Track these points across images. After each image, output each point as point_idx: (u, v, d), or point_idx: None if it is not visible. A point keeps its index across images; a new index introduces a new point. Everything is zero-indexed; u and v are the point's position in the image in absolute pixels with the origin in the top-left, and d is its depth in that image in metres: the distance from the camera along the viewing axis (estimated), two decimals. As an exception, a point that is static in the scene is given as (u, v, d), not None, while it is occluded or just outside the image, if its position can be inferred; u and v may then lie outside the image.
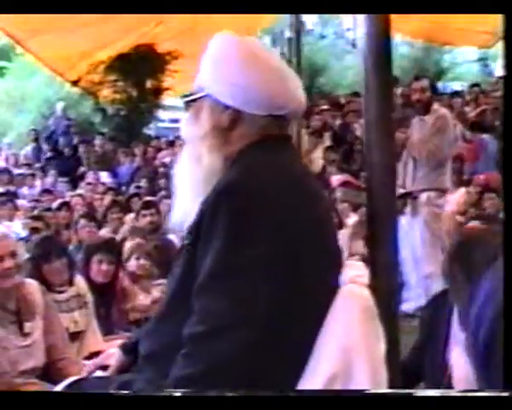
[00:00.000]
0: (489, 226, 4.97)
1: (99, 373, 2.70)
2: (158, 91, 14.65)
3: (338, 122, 13.24)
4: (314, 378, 2.13)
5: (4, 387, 4.00)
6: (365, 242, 2.46)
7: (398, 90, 14.28)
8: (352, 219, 8.12)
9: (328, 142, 12.55)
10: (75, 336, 4.96)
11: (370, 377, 2.13)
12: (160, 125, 17.61)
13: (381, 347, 2.19)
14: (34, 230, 7.22)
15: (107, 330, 5.33)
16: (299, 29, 6.88)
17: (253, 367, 2.06)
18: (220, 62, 2.32)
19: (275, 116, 2.28)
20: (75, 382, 2.61)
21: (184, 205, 2.34)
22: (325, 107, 14.39)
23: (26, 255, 4.97)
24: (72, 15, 9.77)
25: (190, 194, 2.33)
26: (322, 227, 2.28)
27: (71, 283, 5.16)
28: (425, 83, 7.82)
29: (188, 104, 2.45)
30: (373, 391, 1.87)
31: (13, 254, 4.19)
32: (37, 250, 5.14)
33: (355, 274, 2.32)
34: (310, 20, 24.03)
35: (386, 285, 2.44)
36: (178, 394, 1.69)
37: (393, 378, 2.27)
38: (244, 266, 2.05)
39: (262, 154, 2.25)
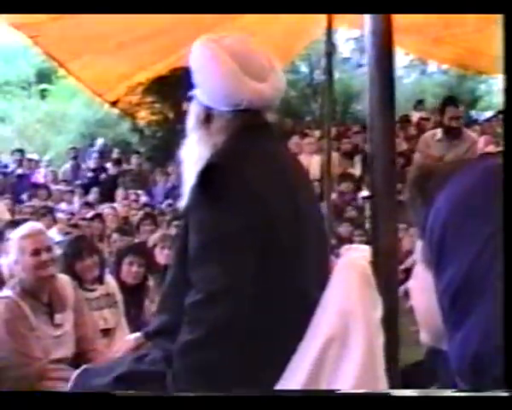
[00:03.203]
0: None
1: None
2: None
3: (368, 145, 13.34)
4: (312, 341, 2.34)
5: (36, 373, 4.24)
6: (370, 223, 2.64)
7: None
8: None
9: (359, 164, 12.71)
10: (105, 332, 5.15)
11: (366, 341, 2.32)
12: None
13: (378, 313, 2.37)
14: (69, 234, 7.41)
15: (137, 330, 5.48)
16: (332, 57, 7.02)
17: (248, 330, 2.30)
18: (193, 66, 2.62)
19: (241, 110, 2.54)
20: (87, 369, 2.85)
21: (187, 187, 2.60)
22: (356, 129, 14.56)
23: (60, 252, 5.19)
24: (112, 37, 10.10)
25: (188, 178, 2.61)
26: (301, 204, 2.52)
27: (101, 282, 5.38)
28: (459, 109, 7.94)
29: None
30: (371, 392, 2.01)
31: (48, 249, 4.46)
32: (70, 248, 5.35)
33: (357, 254, 2.58)
34: (347, 48, 24.25)
35: (386, 267, 2.55)
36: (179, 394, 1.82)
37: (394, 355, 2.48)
38: (227, 237, 2.31)
39: (239, 140, 2.52)
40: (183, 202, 2.60)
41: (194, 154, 2.62)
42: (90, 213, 9.59)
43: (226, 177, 2.38)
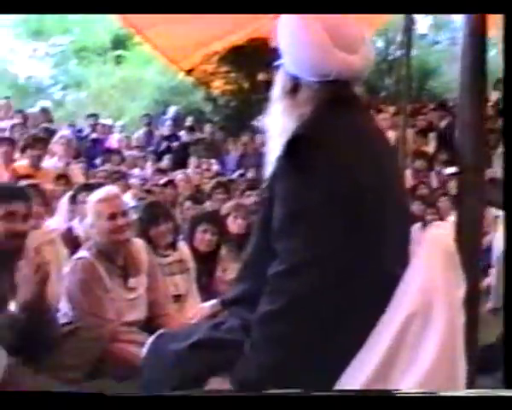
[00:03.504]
0: None
1: None
2: (269, 85, 14.63)
3: (444, 123, 13.20)
4: (394, 316, 2.32)
5: (108, 335, 4.29)
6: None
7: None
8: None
9: (433, 142, 12.57)
10: (176, 298, 5.20)
11: (448, 319, 2.28)
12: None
13: (461, 292, 2.34)
14: (143, 200, 7.45)
15: (208, 298, 5.51)
16: (410, 33, 6.92)
17: (330, 303, 2.30)
18: (281, 34, 2.57)
19: (329, 81, 2.49)
20: (163, 333, 2.86)
21: (271, 158, 2.57)
22: (432, 106, 14.38)
23: (135, 217, 5.24)
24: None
25: (274, 150, 2.58)
26: (386, 179, 2.48)
27: (174, 248, 5.42)
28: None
29: None
30: (374, 392, 2.01)
31: (124, 213, 4.51)
32: (145, 213, 5.40)
33: (441, 231, 2.54)
34: (424, 24, 23.93)
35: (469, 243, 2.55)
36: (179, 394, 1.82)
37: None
38: (314, 208, 2.29)
39: (327, 111, 2.48)
40: (266, 172, 2.58)
41: (278, 124, 2.60)
42: (163, 180, 9.64)
43: (314, 148, 2.34)
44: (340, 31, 2.51)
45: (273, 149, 2.57)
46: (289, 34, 2.55)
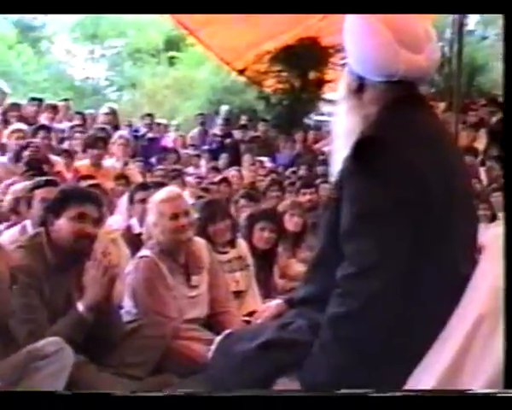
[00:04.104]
0: None
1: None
2: (320, 83, 14.65)
3: (495, 119, 13.05)
4: (464, 316, 2.27)
5: (171, 332, 4.27)
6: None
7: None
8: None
9: (483, 137, 12.42)
10: (236, 295, 5.17)
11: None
12: (320, 118, 17.69)
13: None
14: (201, 198, 7.44)
15: (267, 294, 5.52)
16: (461, 29, 6.84)
17: (400, 305, 2.26)
18: (347, 34, 2.55)
19: (395, 81, 2.47)
20: (230, 333, 2.85)
21: (337, 158, 2.55)
22: (482, 102, 14.22)
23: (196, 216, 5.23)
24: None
25: (340, 149, 2.56)
26: (454, 179, 2.43)
27: (233, 245, 5.41)
28: None
29: None
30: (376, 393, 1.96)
31: (186, 213, 4.51)
32: (204, 212, 5.38)
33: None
34: (472, 20, 23.68)
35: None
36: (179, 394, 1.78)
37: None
38: (383, 210, 2.26)
39: (393, 112, 2.45)
40: (333, 172, 2.54)
41: (344, 124, 2.58)
42: (218, 178, 9.63)
43: (382, 150, 2.32)
44: (405, 30, 2.49)
45: (339, 149, 2.55)
46: (355, 34, 2.54)
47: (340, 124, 2.60)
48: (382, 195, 2.27)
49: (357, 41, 2.52)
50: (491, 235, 2.48)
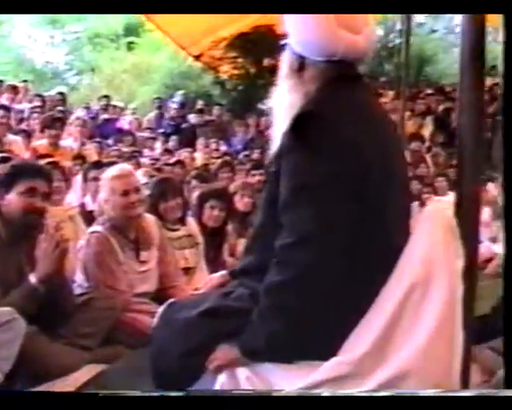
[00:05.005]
0: None
1: None
2: (274, 70, 14.57)
3: (441, 107, 13.23)
4: (396, 285, 2.32)
5: (121, 305, 4.29)
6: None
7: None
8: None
9: (430, 125, 12.58)
10: (185, 271, 5.19)
11: (448, 289, 2.29)
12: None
13: (460, 263, 2.32)
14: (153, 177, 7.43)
15: (216, 271, 5.50)
16: (409, 21, 6.88)
17: (335, 275, 2.29)
18: (287, 18, 2.57)
19: (335, 61, 2.49)
20: (173, 303, 2.86)
21: (277, 133, 2.57)
22: (430, 91, 14.40)
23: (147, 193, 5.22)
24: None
25: (279, 125, 2.57)
26: (389, 156, 2.47)
27: (184, 223, 5.42)
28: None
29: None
30: (377, 393, 1.97)
31: (137, 190, 4.50)
32: (155, 189, 5.38)
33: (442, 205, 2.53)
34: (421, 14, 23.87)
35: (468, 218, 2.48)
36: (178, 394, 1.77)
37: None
38: (320, 182, 2.28)
39: (332, 89, 2.47)
40: (272, 147, 2.56)
41: (285, 101, 2.58)
42: (173, 159, 9.64)
43: (320, 124, 2.34)
44: None
45: (279, 125, 2.56)
46: (296, 16, 2.54)
47: (282, 101, 2.61)
48: (319, 168, 2.29)
49: (297, 21, 2.54)
50: (426, 210, 2.53)
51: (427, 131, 12.40)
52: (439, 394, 0.93)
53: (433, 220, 2.40)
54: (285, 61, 2.63)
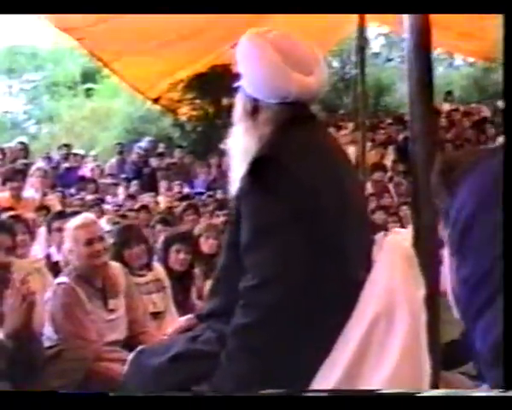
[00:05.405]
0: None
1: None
2: (233, 109, 14.65)
3: (401, 136, 13.40)
4: (360, 318, 2.36)
5: (92, 355, 4.30)
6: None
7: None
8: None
9: (392, 154, 12.73)
10: (154, 316, 5.20)
11: (411, 317, 2.33)
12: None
13: (421, 292, 2.37)
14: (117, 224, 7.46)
15: (185, 314, 5.51)
16: (363, 52, 6.97)
17: (299, 314, 2.33)
18: (240, 58, 2.62)
19: (288, 103, 2.53)
20: (142, 349, 2.88)
21: (235, 177, 2.61)
22: (389, 121, 14.61)
23: (111, 241, 5.25)
24: (153, 38, 10.14)
25: (237, 169, 2.62)
26: (346, 192, 2.52)
27: (150, 268, 5.43)
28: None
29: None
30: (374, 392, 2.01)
31: (101, 239, 4.54)
32: (119, 237, 5.42)
33: (400, 237, 2.60)
34: (377, 44, 24.22)
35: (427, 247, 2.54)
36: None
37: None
38: (278, 224, 2.33)
39: (286, 131, 2.51)
40: (232, 191, 2.61)
41: (240, 144, 2.62)
42: (137, 205, 9.67)
43: (276, 167, 2.39)
44: (295, 53, 2.56)
45: (236, 169, 2.60)
46: (247, 58, 2.60)
47: (237, 144, 2.65)
48: (277, 210, 2.33)
49: (249, 65, 2.59)
50: (385, 242, 2.59)
51: (388, 161, 12.53)
52: (437, 394, 0.94)
53: (391, 252, 2.47)
54: (239, 104, 2.67)
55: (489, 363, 1.01)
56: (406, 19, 2.64)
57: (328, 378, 2.34)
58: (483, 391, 0.97)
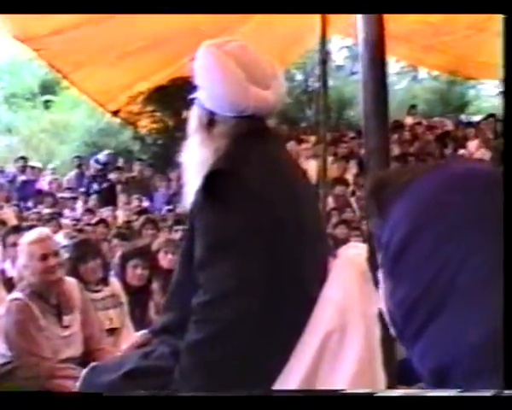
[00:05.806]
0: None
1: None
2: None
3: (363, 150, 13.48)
4: (312, 334, 2.36)
5: (46, 372, 4.27)
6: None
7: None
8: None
9: (354, 168, 12.78)
10: (111, 332, 5.18)
11: (364, 334, 2.35)
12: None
13: (375, 308, 2.32)
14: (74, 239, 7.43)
15: (142, 330, 5.49)
16: (325, 65, 7.00)
17: (254, 329, 2.34)
18: (197, 70, 2.60)
19: (244, 116, 2.53)
20: (95, 366, 2.84)
21: (190, 190, 2.60)
22: (351, 135, 14.67)
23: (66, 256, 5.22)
24: (113, 49, 10.14)
25: (191, 182, 2.61)
26: (302, 206, 2.53)
27: (106, 283, 5.41)
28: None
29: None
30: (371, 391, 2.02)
31: (56, 254, 4.51)
32: (74, 252, 5.39)
33: (354, 252, 2.61)
34: (340, 56, 24.36)
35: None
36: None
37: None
38: (233, 239, 2.33)
39: (242, 145, 2.51)
40: (187, 204, 2.60)
41: (195, 156, 2.61)
42: (95, 219, 9.63)
43: (231, 181, 2.39)
44: (253, 67, 2.55)
45: (191, 182, 2.59)
46: (205, 71, 2.58)
47: (192, 157, 2.64)
48: (232, 225, 2.33)
49: (206, 77, 2.57)
50: (339, 256, 2.60)
51: (350, 175, 12.59)
52: (436, 394, 0.92)
53: (345, 267, 2.48)
54: (194, 116, 2.65)
55: (432, 385, 1.01)
56: (360, 32, 2.66)
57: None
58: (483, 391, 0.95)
